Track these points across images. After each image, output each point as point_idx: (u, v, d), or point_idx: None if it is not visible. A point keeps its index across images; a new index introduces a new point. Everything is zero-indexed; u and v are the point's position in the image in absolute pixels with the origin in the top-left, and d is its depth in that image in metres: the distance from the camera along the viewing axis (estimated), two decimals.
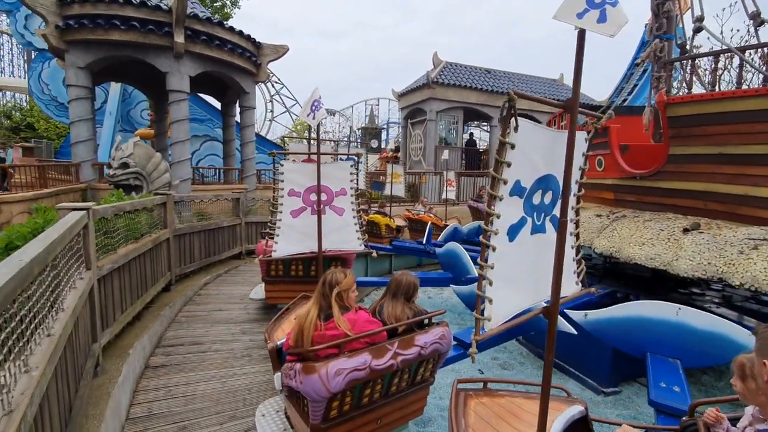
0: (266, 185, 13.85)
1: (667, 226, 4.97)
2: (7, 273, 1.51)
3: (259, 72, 11.59)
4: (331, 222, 3.92)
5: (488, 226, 1.70)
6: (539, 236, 2.02)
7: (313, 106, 3.62)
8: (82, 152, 9.40)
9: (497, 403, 2.61)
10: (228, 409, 3.41)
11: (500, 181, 1.69)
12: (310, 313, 2.43)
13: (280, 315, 3.77)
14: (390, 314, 2.69)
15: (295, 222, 3.88)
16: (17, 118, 21.48)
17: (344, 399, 2.36)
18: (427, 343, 2.58)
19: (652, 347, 4.03)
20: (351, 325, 2.40)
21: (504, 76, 18.95)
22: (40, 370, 1.88)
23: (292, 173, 3.81)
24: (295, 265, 4.82)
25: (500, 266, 1.75)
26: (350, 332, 2.35)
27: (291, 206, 3.84)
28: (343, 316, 2.43)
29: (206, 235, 7.46)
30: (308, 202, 3.85)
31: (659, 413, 3.27)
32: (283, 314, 3.78)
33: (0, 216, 6.47)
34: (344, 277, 2.52)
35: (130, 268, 4.32)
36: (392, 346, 2.44)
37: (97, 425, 2.69)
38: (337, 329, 2.36)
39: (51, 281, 2.28)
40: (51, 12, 8.58)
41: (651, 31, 6.72)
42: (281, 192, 3.71)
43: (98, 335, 3.35)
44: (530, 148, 1.83)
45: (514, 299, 1.93)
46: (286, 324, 3.51)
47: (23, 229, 3.36)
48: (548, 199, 2.03)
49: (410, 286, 2.80)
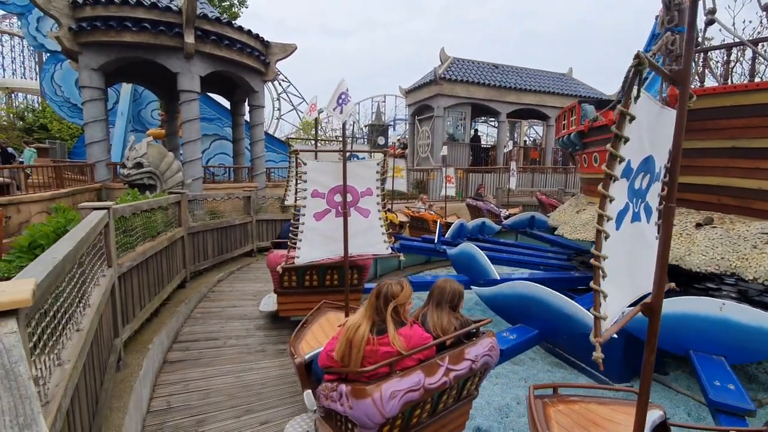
0: (275, 183, 13.97)
1: (680, 221, 4.94)
2: (43, 270, 1.58)
3: (267, 71, 11.67)
4: (357, 224, 3.62)
5: (603, 210, 1.50)
6: (636, 225, 1.85)
7: (340, 99, 3.32)
8: (97, 152, 9.57)
9: (573, 410, 2.45)
10: (243, 403, 3.49)
11: (617, 159, 1.51)
12: (361, 329, 2.21)
13: (301, 326, 3.47)
14: (436, 325, 2.49)
15: (319, 225, 3.54)
16: (30, 120, 21.84)
17: (395, 422, 2.18)
18: (477, 356, 2.41)
19: (696, 344, 3.89)
20: (406, 342, 2.20)
21: (512, 71, 18.81)
22: (71, 364, 1.96)
23: (316, 173, 3.44)
24: (310, 274, 4.56)
25: (608, 258, 1.59)
26: (404, 350, 2.16)
27: (314, 208, 3.49)
28: (397, 331, 2.22)
29: (219, 233, 7.57)
30: (332, 203, 3.53)
31: (720, 413, 3.11)
32: (304, 325, 3.50)
33: (19, 215, 6.64)
34: (401, 289, 2.28)
35: (148, 265, 4.42)
36: (443, 361, 2.26)
37: (122, 417, 2.79)
38: (391, 346, 2.17)
39: (78, 278, 2.36)
40: (64, 15, 8.73)
41: (662, 24, 6.63)
42: (303, 193, 3.39)
43: (120, 331, 3.44)
44: (644, 123, 1.65)
45: (618, 296, 1.73)
46: (309, 336, 3.34)
47: (46, 228, 3.47)
48: (645, 183, 1.88)
49: (455, 294, 2.60)
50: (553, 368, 5.33)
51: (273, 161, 17.95)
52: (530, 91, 17.80)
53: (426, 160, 17.89)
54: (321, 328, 3.47)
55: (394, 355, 2.14)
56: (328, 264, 4.33)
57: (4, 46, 34.52)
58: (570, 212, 7.42)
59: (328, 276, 4.61)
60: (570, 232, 6.58)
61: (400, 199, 13.78)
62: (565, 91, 18.47)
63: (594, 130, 6.72)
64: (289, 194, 5.39)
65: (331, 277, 4.64)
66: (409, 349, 2.18)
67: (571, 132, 7.49)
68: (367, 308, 2.30)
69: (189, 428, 3.13)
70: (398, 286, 2.29)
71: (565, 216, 7.52)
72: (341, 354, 2.24)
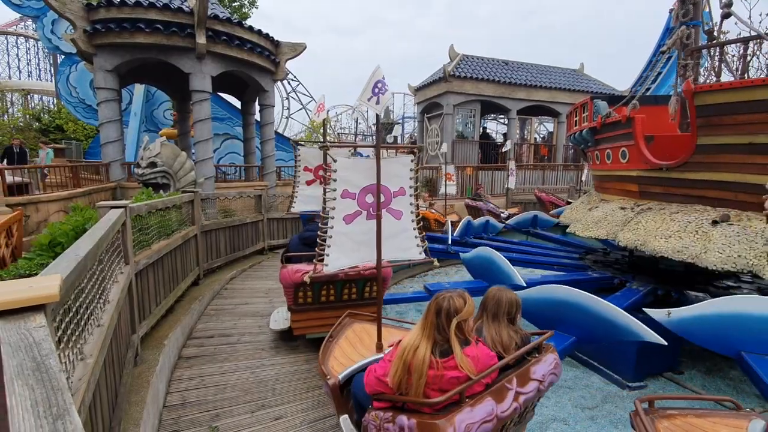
0: (286, 182, 14.06)
1: (695, 219, 4.87)
2: (67, 266, 1.63)
3: (277, 70, 11.74)
4: (388, 227, 3.28)
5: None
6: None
7: (376, 89, 2.98)
8: (112, 152, 9.74)
9: (676, 425, 2.35)
10: (257, 399, 3.55)
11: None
12: (420, 350, 1.91)
13: (327, 341, 3.24)
14: (495, 341, 2.24)
15: (349, 229, 3.20)
16: (46, 121, 22.30)
17: None
18: (545, 375, 2.16)
19: (749, 346, 3.70)
20: (474, 364, 1.93)
21: (522, 68, 18.64)
22: (93, 358, 2.02)
23: (347, 171, 3.08)
24: (327, 289, 4.27)
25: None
26: (474, 374, 1.89)
27: (344, 210, 3.14)
28: (463, 351, 1.94)
29: (231, 232, 7.67)
30: (364, 204, 3.20)
31: None
32: (330, 340, 3.26)
33: (38, 214, 6.79)
34: (464, 303, 1.98)
35: (163, 263, 4.50)
36: (511, 384, 2.02)
37: (140, 411, 2.85)
38: (458, 370, 1.88)
39: (98, 275, 2.42)
40: (79, 17, 8.88)
41: (677, 18, 6.53)
42: (332, 194, 3.04)
43: (136, 327, 3.52)
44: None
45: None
46: (338, 352, 3.11)
47: (65, 226, 3.55)
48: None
49: (512, 305, 2.35)
50: (564, 367, 5.29)
51: (283, 160, 18.06)
52: (541, 87, 17.61)
53: (435, 158, 17.84)
54: (349, 342, 3.24)
55: (462, 381, 1.87)
56: (345, 278, 4.14)
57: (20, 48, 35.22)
58: (582, 210, 7.35)
59: (345, 290, 4.34)
60: (582, 229, 6.52)
61: None
62: (576, 87, 18.24)
63: (607, 126, 6.64)
64: (297, 199, 5.34)
65: (349, 290, 4.36)
66: (478, 373, 1.92)
67: (583, 128, 7.41)
68: (424, 326, 2.00)
69: (205, 423, 3.19)
70: (460, 300, 1.99)
71: (577, 214, 7.46)
72: (398, 379, 1.93)
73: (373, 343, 3.13)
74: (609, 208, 6.33)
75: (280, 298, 6.06)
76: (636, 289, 5.68)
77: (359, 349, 3.11)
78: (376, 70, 3.01)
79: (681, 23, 6.35)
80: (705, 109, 4.85)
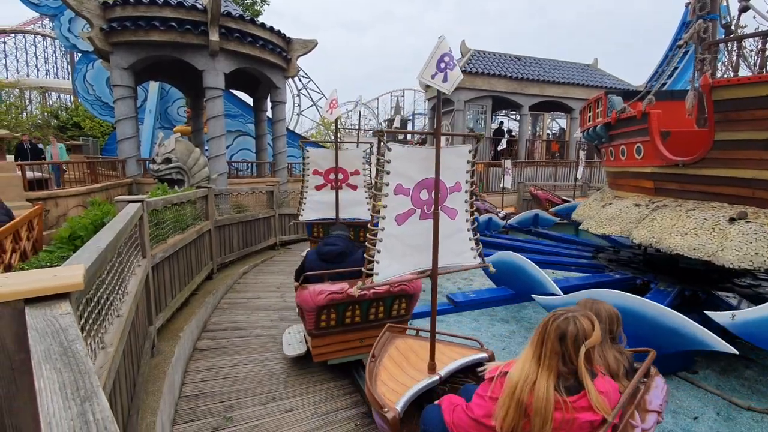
0: (297, 178, 14.18)
1: (712, 216, 4.79)
2: (90, 257, 1.69)
3: (289, 67, 11.81)
4: (442, 228, 2.75)
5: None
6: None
7: (443, 63, 2.45)
8: (128, 149, 9.93)
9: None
10: (269, 391, 3.60)
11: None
12: (541, 387, 1.53)
13: (371, 363, 2.80)
14: (601, 366, 1.85)
15: (401, 230, 2.68)
16: (64, 118, 22.80)
17: None
18: (661, 405, 1.81)
19: None
20: (607, 401, 1.57)
21: (534, 63, 18.42)
22: (113, 347, 2.08)
23: (402, 162, 2.55)
24: (352, 309, 3.69)
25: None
26: (609, 415, 1.53)
27: (397, 209, 2.62)
28: (595, 386, 1.58)
29: (244, 227, 7.77)
30: (418, 202, 2.68)
31: None
32: (374, 360, 2.83)
33: (57, 209, 6.97)
34: (592, 325, 1.60)
35: (178, 257, 4.60)
36: (635, 420, 1.66)
37: (157, 401, 2.93)
38: (594, 411, 1.52)
39: (118, 267, 2.49)
40: (96, 15, 9.05)
41: (693, 11, 6.39)
42: (385, 189, 2.48)
43: (153, 318, 3.60)
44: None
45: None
46: (385, 375, 2.69)
47: (84, 220, 3.65)
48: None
49: (612, 319, 2.01)
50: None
51: (294, 156, 18.19)
52: (553, 82, 17.40)
53: None
54: (395, 362, 2.85)
55: (597, 426, 1.51)
56: (374, 296, 3.64)
57: (38, 47, 36.00)
58: (595, 206, 7.27)
59: (372, 309, 3.81)
60: (595, 227, 6.45)
61: None
62: (589, 83, 17.97)
63: (621, 121, 6.55)
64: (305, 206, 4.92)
65: (376, 309, 3.83)
66: None
67: (597, 124, 7.31)
68: (541, 355, 1.59)
69: (219, 413, 3.26)
70: (587, 321, 1.61)
71: (590, 210, 7.37)
72: (510, 424, 1.57)
73: (422, 362, 2.75)
74: (623, 205, 6.25)
75: (291, 294, 6.13)
76: (665, 290, 5.41)
77: (408, 370, 2.71)
78: (441, 41, 2.50)
79: (698, 17, 6.21)
80: (723, 104, 4.76)
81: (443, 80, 2.51)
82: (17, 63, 35.03)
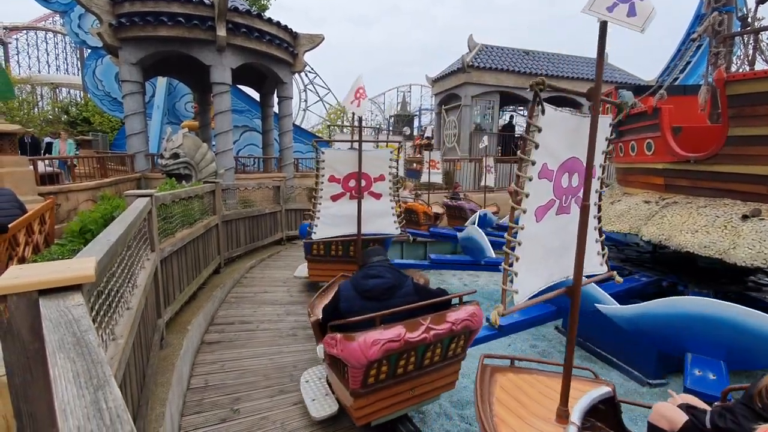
0: (303, 173, 14.20)
1: (724, 213, 4.71)
2: (101, 250, 1.70)
3: (296, 62, 11.79)
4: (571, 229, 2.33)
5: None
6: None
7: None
8: (136, 144, 10.00)
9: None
10: (276, 384, 3.64)
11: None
12: None
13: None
14: None
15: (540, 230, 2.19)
16: (74, 113, 23.00)
17: None
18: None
19: None
20: None
21: (543, 57, 18.21)
22: (124, 339, 2.11)
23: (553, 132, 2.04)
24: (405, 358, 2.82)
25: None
26: None
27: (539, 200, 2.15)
28: None
29: (250, 222, 7.82)
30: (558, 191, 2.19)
31: None
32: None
33: (68, 203, 7.06)
34: None
35: (186, 251, 4.63)
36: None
37: (165, 392, 2.97)
38: None
39: (128, 260, 2.52)
40: (105, 11, 9.09)
41: (708, 4, 6.26)
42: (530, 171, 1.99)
43: (162, 312, 3.64)
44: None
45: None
46: (503, 428, 2.38)
47: (94, 214, 3.70)
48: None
49: None
50: (583, 362, 5.23)
51: (300, 152, 18.20)
52: (563, 77, 17.20)
53: (452, 150, 17.68)
54: (508, 409, 2.63)
55: None
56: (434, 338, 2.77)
57: (48, 43, 36.32)
58: (604, 203, 7.19)
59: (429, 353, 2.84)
60: (604, 224, 6.37)
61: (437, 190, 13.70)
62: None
63: (632, 117, 6.46)
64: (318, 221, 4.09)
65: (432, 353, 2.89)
66: None
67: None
68: None
69: (226, 405, 3.30)
70: None
71: None
72: None
73: (538, 405, 2.36)
74: (632, 202, 6.18)
75: (297, 289, 6.16)
76: (701, 293, 5.09)
77: (529, 419, 2.27)
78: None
79: (713, 9, 6.08)
80: (737, 99, 4.67)
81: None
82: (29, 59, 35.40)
